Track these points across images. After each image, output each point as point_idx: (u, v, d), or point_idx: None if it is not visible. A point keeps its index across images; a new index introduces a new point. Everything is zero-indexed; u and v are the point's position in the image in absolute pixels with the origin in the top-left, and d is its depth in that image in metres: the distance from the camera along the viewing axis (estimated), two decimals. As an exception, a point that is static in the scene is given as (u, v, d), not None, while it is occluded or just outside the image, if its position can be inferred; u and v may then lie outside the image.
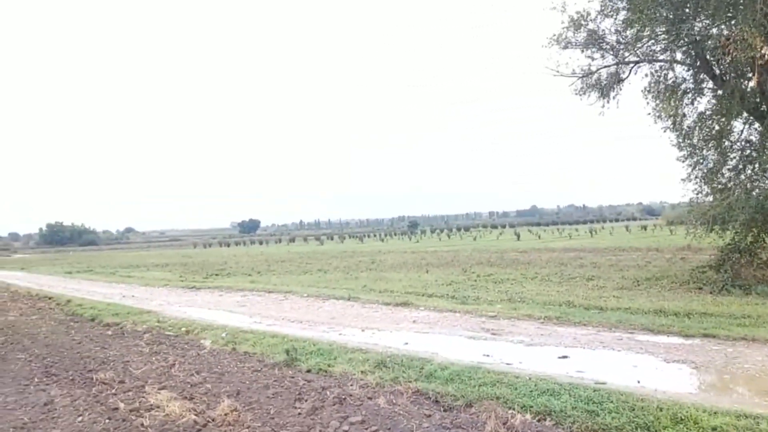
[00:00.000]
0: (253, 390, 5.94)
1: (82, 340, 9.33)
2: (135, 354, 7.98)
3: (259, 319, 10.33)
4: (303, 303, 12.23)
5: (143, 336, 9.35)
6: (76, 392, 6.11)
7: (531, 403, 4.87)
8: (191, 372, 6.79)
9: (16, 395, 6.11)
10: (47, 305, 14.50)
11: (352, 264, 24.15)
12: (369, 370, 6.29)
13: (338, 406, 5.26)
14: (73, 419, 5.18)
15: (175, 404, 5.37)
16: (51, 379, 6.80)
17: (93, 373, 6.87)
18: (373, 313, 10.36)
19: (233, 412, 5.12)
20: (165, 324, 10.22)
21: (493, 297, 11.54)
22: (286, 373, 6.54)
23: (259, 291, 14.84)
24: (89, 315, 11.95)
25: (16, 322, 11.68)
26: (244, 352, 7.70)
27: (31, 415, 5.39)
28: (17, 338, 9.71)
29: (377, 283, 15.25)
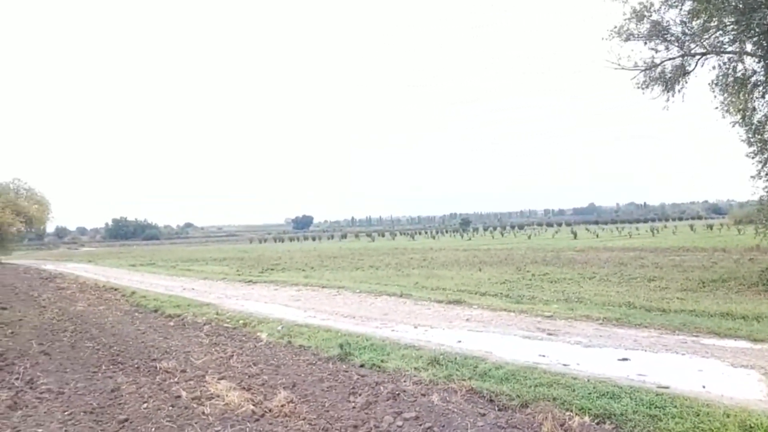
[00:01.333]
0: (308, 383, 6.04)
1: (146, 330, 9.73)
2: (195, 345, 8.26)
3: (313, 314, 10.49)
4: (355, 299, 12.33)
5: (203, 327, 9.67)
6: (141, 380, 6.38)
7: (590, 405, 4.75)
8: (249, 363, 6.98)
9: (85, 381, 6.43)
10: (113, 296, 15.19)
11: (403, 261, 24.17)
12: (422, 367, 6.29)
13: (392, 401, 5.28)
14: (138, 405, 5.42)
15: (234, 394, 5.53)
16: (117, 366, 7.12)
17: (156, 362, 7.16)
18: (426, 310, 10.34)
19: (289, 404, 5.23)
20: (223, 316, 10.53)
21: (549, 297, 11.31)
22: (340, 368, 6.62)
23: (312, 286, 15.08)
24: (152, 306, 12.46)
25: (84, 312, 12.29)
26: (299, 345, 7.85)
27: (100, 400, 5.66)
28: (86, 327, 10.20)
29: (429, 280, 15.21)
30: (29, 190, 43.00)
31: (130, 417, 5.05)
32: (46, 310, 12.75)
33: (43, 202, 43.70)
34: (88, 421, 4.99)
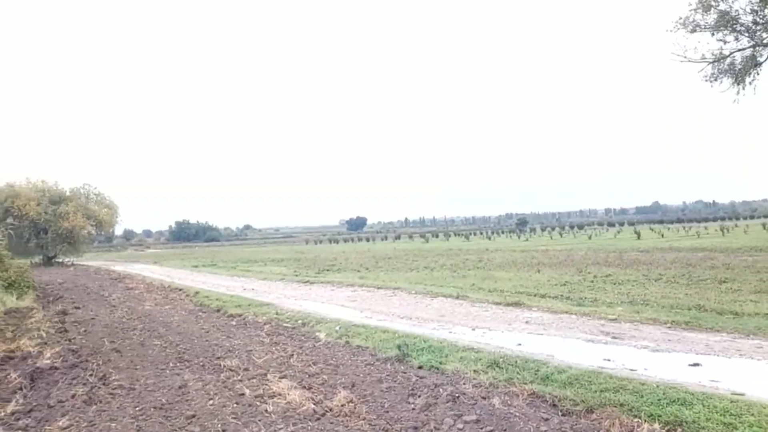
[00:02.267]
0: (367, 383, 6.07)
1: (210, 329, 10.04)
2: (257, 344, 8.46)
3: (369, 314, 10.55)
4: (411, 300, 12.32)
5: (263, 327, 9.89)
6: (207, 377, 6.58)
7: (659, 412, 4.55)
8: (308, 363, 7.08)
9: (154, 378, 6.69)
10: (178, 296, 15.77)
11: (458, 262, 23.96)
12: (482, 369, 6.21)
13: (451, 403, 5.23)
14: (205, 402, 5.59)
15: (296, 393, 5.61)
16: (184, 364, 7.37)
17: (220, 360, 7.37)
18: (483, 312, 10.20)
19: (349, 404, 5.27)
20: (283, 316, 10.74)
21: (613, 299, 10.93)
22: (399, 368, 6.62)
23: (368, 287, 15.17)
24: (215, 306, 12.85)
25: (152, 311, 12.81)
26: (357, 345, 7.90)
27: (168, 396, 5.88)
28: (153, 326, 10.62)
29: (486, 281, 15.01)
30: (99, 195, 45.27)
31: (197, 413, 5.22)
32: (116, 309, 13.37)
33: (112, 206, 45.87)
34: (157, 417, 5.18)
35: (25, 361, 7.62)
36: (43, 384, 6.55)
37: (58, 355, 7.75)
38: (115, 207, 46.22)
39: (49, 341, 8.90)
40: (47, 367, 7.19)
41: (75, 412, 5.37)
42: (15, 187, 40.65)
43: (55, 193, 41.86)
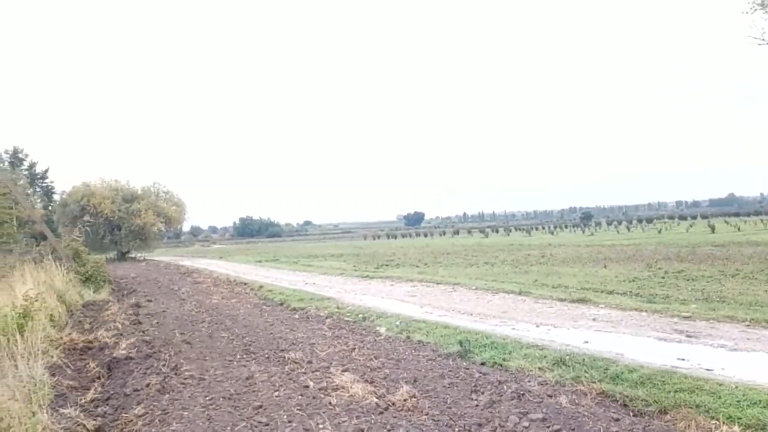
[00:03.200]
0: (429, 378, 6.03)
1: (274, 322, 10.28)
2: (319, 337, 8.58)
3: (429, 310, 10.50)
4: (472, 295, 12.17)
5: (325, 321, 10.03)
6: (272, 369, 6.73)
7: (739, 414, 4.30)
8: (370, 357, 7.12)
9: (222, 369, 6.90)
10: (243, 290, 16.25)
11: (520, 257, 23.51)
12: (547, 367, 6.05)
13: (516, 401, 5.13)
14: (271, 393, 5.72)
15: (358, 386, 5.65)
16: (250, 356, 7.57)
17: (285, 352, 7.52)
18: (547, 308, 9.95)
19: (412, 398, 5.25)
20: (344, 310, 10.85)
21: (686, 296, 10.43)
22: (461, 365, 6.55)
23: (427, 282, 15.11)
24: (278, 300, 13.15)
25: (218, 304, 13.24)
26: (418, 340, 7.87)
27: (236, 387, 6.05)
28: (221, 319, 10.97)
29: (549, 277, 14.65)
30: (168, 193, 47.34)
31: (264, 404, 5.34)
32: (186, 302, 13.91)
33: (180, 203, 47.88)
34: (226, 407, 5.34)
35: (102, 351, 8.05)
36: (120, 373, 6.90)
37: (133, 345, 8.14)
38: (183, 204, 48.25)
39: (125, 332, 9.36)
40: (123, 357, 7.56)
41: (149, 400, 5.62)
42: (91, 186, 43.16)
43: (127, 191, 44.10)
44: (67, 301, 12.49)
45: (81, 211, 41.25)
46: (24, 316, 7.42)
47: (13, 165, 43.81)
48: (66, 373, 6.62)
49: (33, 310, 7.97)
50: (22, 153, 47.41)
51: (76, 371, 6.86)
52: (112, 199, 42.24)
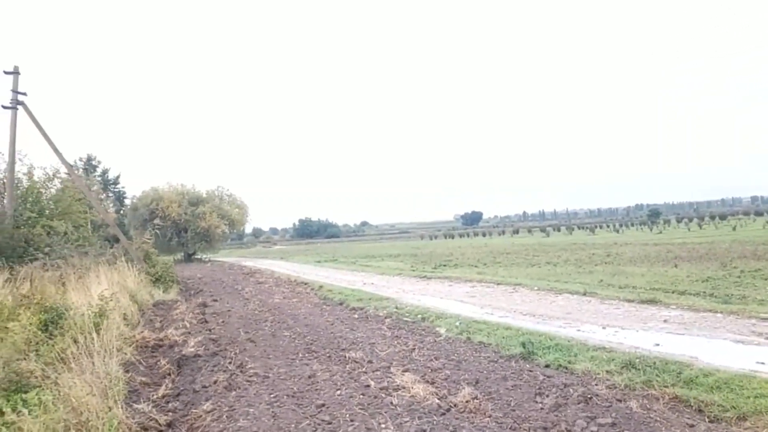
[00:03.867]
0: (491, 380, 5.93)
1: (334, 321, 10.39)
2: (379, 337, 8.61)
3: (490, 311, 10.34)
4: (534, 296, 11.90)
5: (384, 321, 10.05)
6: (333, 368, 6.81)
7: (829, 424, 4.00)
8: (430, 357, 7.07)
9: (285, 367, 7.04)
10: (304, 290, 16.53)
11: (583, 257, 22.81)
12: (615, 370, 5.82)
13: (583, 405, 4.96)
14: (333, 392, 5.77)
15: (419, 387, 5.63)
16: (312, 355, 7.68)
17: (345, 352, 7.58)
18: (614, 310, 9.59)
19: (474, 400, 5.18)
20: (402, 310, 10.85)
21: (765, 296, 9.83)
22: (524, 366, 6.40)
23: (487, 282, 14.89)
24: (338, 300, 13.29)
25: (280, 304, 13.52)
26: (479, 342, 7.76)
27: (299, 385, 6.15)
28: (283, 318, 11.20)
29: (615, 278, 14.13)
30: (231, 196, 48.86)
31: (326, 402, 5.40)
32: (249, 302, 14.29)
33: (243, 206, 49.32)
34: (290, 404, 5.44)
35: (172, 349, 8.38)
36: (188, 370, 7.16)
37: (201, 343, 8.44)
38: (246, 207, 49.70)
39: (192, 331, 9.72)
40: (191, 354, 7.85)
41: (217, 397, 5.80)
42: (159, 190, 45.14)
43: (193, 195, 45.80)
44: (138, 300, 13.09)
45: (150, 215, 43.25)
46: (100, 315, 7.80)
47: (87, 171, 46.26)
48: (139, 369, 6.93)
49: (108, 309, 8.38)
50: (95, 160, 50.09)
51: (148, 368, 7.17)
52: (178, 202, 43.97)
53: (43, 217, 18.20)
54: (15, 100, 18.13)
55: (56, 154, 19.44)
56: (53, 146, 19.06)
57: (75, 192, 20.81)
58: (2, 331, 6.98)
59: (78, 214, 20.65)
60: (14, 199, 17.47)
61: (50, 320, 7.77)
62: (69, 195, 20.34)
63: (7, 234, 16.17)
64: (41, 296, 9.26)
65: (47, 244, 17.11)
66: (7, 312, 8.14)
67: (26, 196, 18.44)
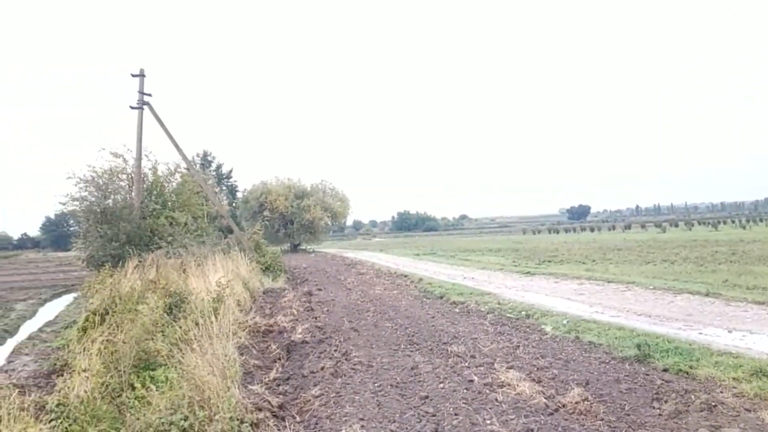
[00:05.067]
0: (603, 382, 5.65)
1: (435, 315, 10.39)
2: (481, 332, 8.49)
3: (600, 309, 9.84)
4: (649, 296, 11.17)
5: (486, 316, 9.89)
6: (435, 361, 6.80)
7: None
8: (536, 355, 6.87)
9: (388, 357, 7.13)
10: (404, 282, 16.66)
11: (705, 254, 21.04)
12: (743, 377, 5.33)
13: (707, 413, 4.60)
14: (436, 384, 5.77)
15: (525, 385, 5.48)
16: (414, 347, 7.72)
17: (447, 345, 7.56)
18: (741, 312, 8.77)
19: (584, 402, 4.96)
20: (505, 306, 10.61)
21: None
22: (639, 370, 6.04)
23: (596, 280, 14.19)
24: (438, 293, 13.26)
25: (381, 295, 13.73)
26: (588, 341, 7.41)
27: (402, 376, 6.21)
28: (384, 309, 11.36)
29: (743, 277, 12.90)
30: (333, 190, 50.39)
31: (430, 395, 5.41)
32: (351, 292, 14.65)
33: (344, 199, 50.71)
34: (394, 394, 5.51)
35: (281, 334, 8.79)
36: (297, 356, 7.47)
37: (308, 330, 8.78)
38: (347, 200, 51.04)
39: (300, 318, 10.13)
40: (299, 341, 8.19)
41: (324, 383, 6.00)
42: (267, 184, 47.65)
43: (298, 188, 47.77)
44: (250, 288, 13.86)
45: (260, 207, 45.75)
46: (218, 300, 8.34)
47: (203, 167, 49.54)
48: (251, 353, 7.33)
49: (224, 295, 8.94)
50: (210, 155, 53.51)
51: (260, 352, 7.57)
52: (285, 195, 46.09)
53: (166, 209, 19.82)
54: (141, 100, 19.82)
55: (178, 151, 21.05)
56: (175, 143, 20.64)
57: (193, 186, 22.42)
58: (133, 313, 7.69)
59: (196, 207, 22.23)
60: (141, 192, 19.12)
61: (174, 304, 8.44)
62: (188, 188, 21.95)
63: (135, 224, 17.77)
64: (166, 282, 10.08)
65: (170, 234, 18.62)
66: (137, 295, 8.95)
67: (151, 189, 20.12)
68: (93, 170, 18.27)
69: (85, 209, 18.22)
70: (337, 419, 4.88)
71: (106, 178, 18.56)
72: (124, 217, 17.46)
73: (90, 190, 18.16)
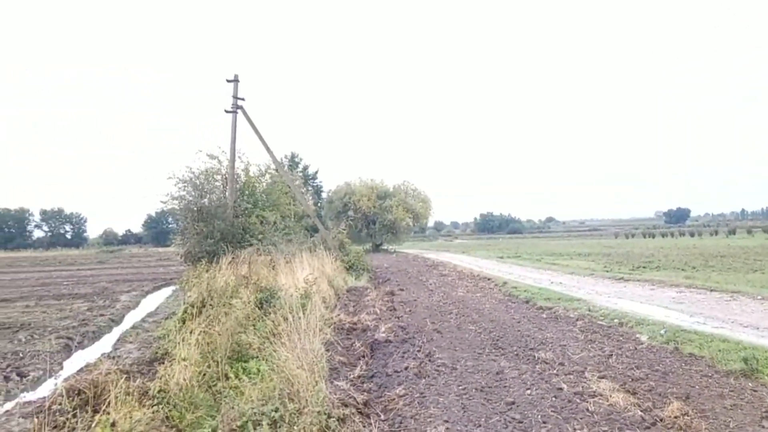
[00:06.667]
0: (705, 397, 5.28)
1: (521, 319, 10.12)
2: (570, 339, 8.17)
3: (701, 320, 9.19)
4: (756, 306, 10.32)
5: (576, 323, 9.51)
6: (522, 367, 6.62)
7: None
8: (630, 366, 6.52)
9: (472, 361, 7.03)
10: (487, 285, 16.37)
11: (823, 264, 19.16)
12: None
13: (828, 438, 4.17)
14: (522, 391, 5.62)
15: (618, 396, 5.22)
16: (498, 351, 7.56)
17: (534, 351, 7.34)
18: None
19: (684, 416, 4.65)
20: (596, 313, 10.17)
21: None
22: (745, 385, 5.59)
23: (697, 288, 13.28)
24: (523, 297, 12.92)
25: (464, 297, 13.56)
26: (689, 353, 6.94)
27: (487, 380, 6.09)
28: (467, 312, 11.20)
29: None
30: (415, 191, 50.48)
31: (516, 401, 5.28)
32: (433, 293, 14.59)
33: (426, 200, 50.67)
34: (479, 398, 5.42)
35: (365, 332, 8.90)
36: (380, 354, 7.53)
37: (391, 330, 8.82)
38: (429, 201, 50.99)
39: (382, 317, 10.21)
40: (383, 339, 8.25)
41: (408, 383, 6.01)
42: (351, 185, 48.63)
43: (381, 189, 48.34)
44: (334, 285, 14.17)
45: (344, 207, 46.80)
46: (305, 296, 8.59)
47: (291, 168, 51.20)
48: (336, 349, 7.48)
49: (311, 292, 9.19)
50: (297, 157, 55.24)
51: (344, 349, 7.70)
52: (368, 196, 46.79)
53: (257, 208, 20.71)
54: (235, 105, 20.81)
55: (268, 153, 21.92)
56: (266, 145, 21.50)
57: (282, 186, 23.29)
58: (227, 306, 8.07)
59: (284, 206, 23.08)
60: (234, 192, 20.08)
61: (264, 299, 8.78)
62: (277, 189, 22.85)
63: (228, 222, 18.69)
64: (257, 277, 10.52)
65: (260, 232, 19.44)
66: (230, 290, 9.39)
67: (243, 189, 21.10)
68: (190, 171, 19.44)
69: (183, 208, 19.38)
70: (421, 420, 4.87)
71: (203, 179, 19.65)
72: (218, 215, 18.42)
73: (188, 190, 19.31)
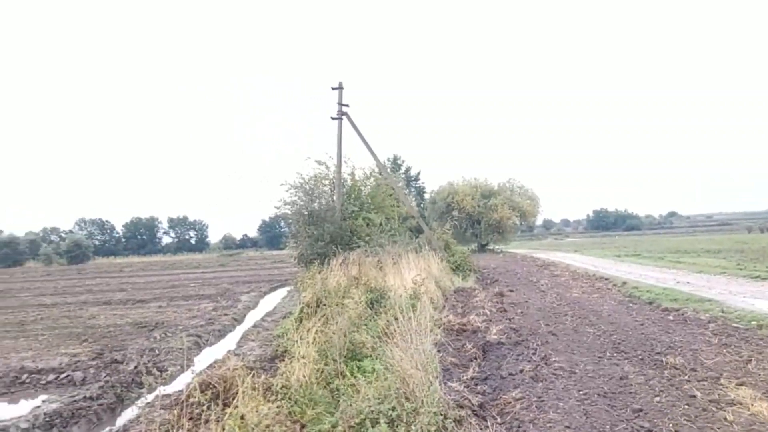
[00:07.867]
0: None
1: (644, 321, 9.47)
2: (702, 343, 7.52)
3: None
4: None
5: (707, 325, 8.74)
6: (648, 372, 6.19)
7: None
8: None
9: (592, 365, 6.68)
10: (605, 285, 15.50)
11: None
12: None
13: None
14: (650, 398, 5.25)
15: (761, 405, 4.74)
16: (621, 355, 7.13)
17: (661, 356, 6.84)
18: None
19: None
20: (731, 315, 9.28)
21: None
22: None
23: None
24: (646, 298, 12.08)
25: (579, 299, 12.94)
26: None
27: (610, 385, 5.76)
28: (583, 313, 10.67)
29: None
30: (522, 188, 49.11)
31: (644, 408, 4.94)
32: (546, 294, 14.06)
33: (534, 197, 49.14)
34: (602, 404, 5.13)
35: (475, 334, 8.77)
36: (493, 356, 7.38)
37: (502, 332, 8.62)
38: (537, 198, 49.41)
39: (493, 319, 10.01)
40: (495, 341, 8.08)
41: (524, 386, 5.83)
42: (454, 185, 48.34)
43: (485, 188, 47.55)
44: (441, 286, 14.12)
45: (447, 208, 46.54)
46: (414, 297, 8.62)
47: (393, 170, 51.89)
48: (447, 350, 7.43)
49: (420, 292, 9.21)
50: (399, 159, 55.94)
51: (455, 350, 7.64)
52: (472, 195, 46.19)
53: (363, 211, 21.20)
54: (340, 111, 21.40)
55: (372, 156, 22.32)
56: (370, 149, 21.91)
57: (386, 188, 23.63)
58: (340, 306, 8.30)
59: (389, 208, 23.41)
60: (341, 196, 20.67)
61: (375, 299, 8.94)
62: (382, 191, 23.23)
63: (337, 225, 19.28)
64: (366, 278, 10.73)
65: (367, 234, 19.85)
66: (342, 290, 9.65)
67: (350, 192, 21.68)
68: (301, 177, 20.32)
69: (295, 212, 20.30)
70: (540, 424, 4.69)
71: (312, 184, 20.47)
72: (327, 218, 19.08)
73: (299, 195, 20.21)
